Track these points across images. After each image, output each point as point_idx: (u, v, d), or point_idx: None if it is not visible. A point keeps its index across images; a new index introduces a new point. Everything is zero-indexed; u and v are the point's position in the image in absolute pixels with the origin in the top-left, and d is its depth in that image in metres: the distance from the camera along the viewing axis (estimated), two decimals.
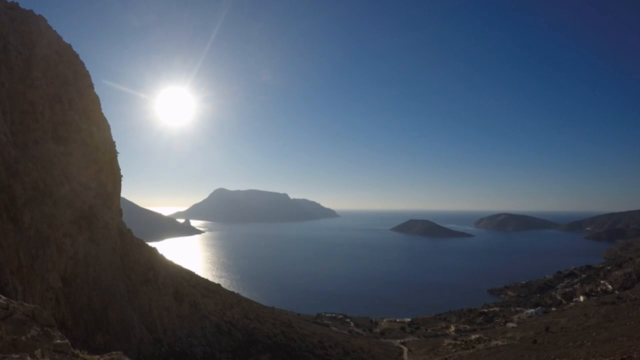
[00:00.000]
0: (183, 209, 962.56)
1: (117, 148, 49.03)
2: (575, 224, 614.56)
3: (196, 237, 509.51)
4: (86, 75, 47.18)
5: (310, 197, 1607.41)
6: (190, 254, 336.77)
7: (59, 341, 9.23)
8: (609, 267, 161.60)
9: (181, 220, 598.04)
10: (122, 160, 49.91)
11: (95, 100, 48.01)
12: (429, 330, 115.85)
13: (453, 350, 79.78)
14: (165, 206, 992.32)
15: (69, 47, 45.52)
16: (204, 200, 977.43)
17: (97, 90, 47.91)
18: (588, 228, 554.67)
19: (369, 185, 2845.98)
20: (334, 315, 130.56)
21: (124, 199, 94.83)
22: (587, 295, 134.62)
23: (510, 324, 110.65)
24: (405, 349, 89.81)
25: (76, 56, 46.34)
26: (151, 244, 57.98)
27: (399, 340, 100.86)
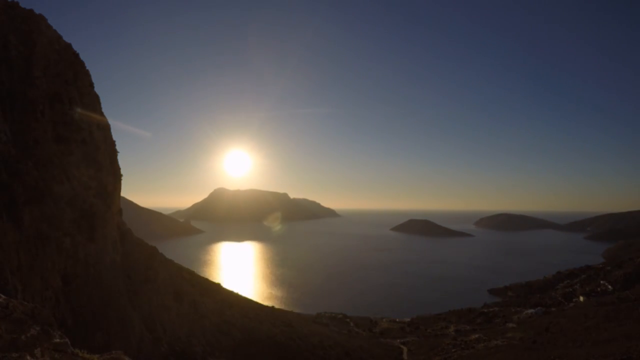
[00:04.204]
0: (183, 208, 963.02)
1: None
2: (575, 224, 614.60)
3: (196, 236, 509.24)
4: (86, 75, 47.14)
5: (310, 197, 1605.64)
6: (190, 253, 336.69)
7: (58, 340, 9.24)
8: (609, 267, 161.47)
9: (181, 220, 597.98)
10: (123, 160, 49.91)
11: (96, 100, 47.98)
12: (428, 330, 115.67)
13: (453, 350, 79.74)
14: (165, 205, 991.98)
15: (69, 46, 45.45)
16: (204, 200, 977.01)
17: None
18: (588, 228, 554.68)
19: (369, 185, 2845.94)
20: (333, 315, 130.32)
21: (124, 198, 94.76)
22: (587, 295, 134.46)
23: (510, 324, 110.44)
24: (405, 349, 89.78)
25: (76, 55, 46.28)
26: (151, 244, 58.00)
27: (398, 340, 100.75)
